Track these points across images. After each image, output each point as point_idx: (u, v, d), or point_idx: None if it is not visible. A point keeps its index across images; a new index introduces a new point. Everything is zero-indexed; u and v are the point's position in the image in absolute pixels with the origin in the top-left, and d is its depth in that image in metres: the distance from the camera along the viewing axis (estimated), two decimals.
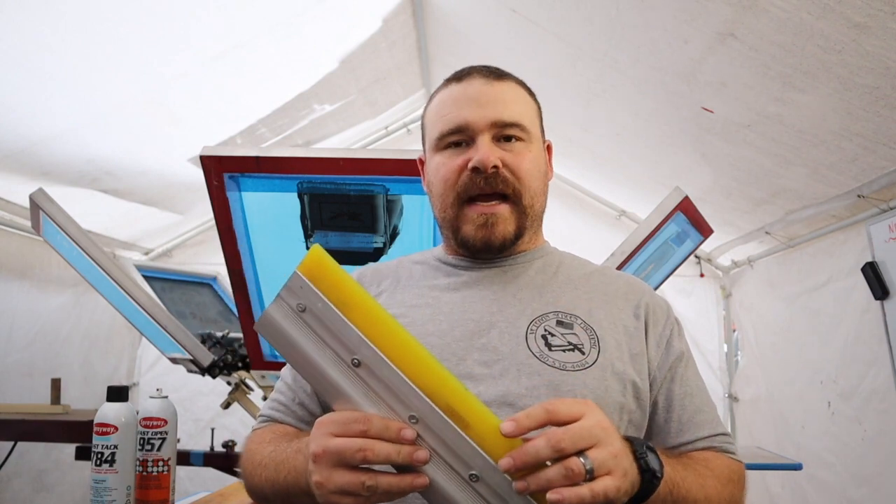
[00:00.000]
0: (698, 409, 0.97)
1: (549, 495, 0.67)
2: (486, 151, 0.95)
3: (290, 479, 0.83)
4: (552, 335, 0.94)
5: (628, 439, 0.76)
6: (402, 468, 0.70)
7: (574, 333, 0.94)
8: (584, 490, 0.67)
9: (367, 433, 0.69)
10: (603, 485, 0.68)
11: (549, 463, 0.68)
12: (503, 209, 0.98)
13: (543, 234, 1.11)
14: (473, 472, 0.68)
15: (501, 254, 1.02)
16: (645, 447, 0.77)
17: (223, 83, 2.72)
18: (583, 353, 0.92)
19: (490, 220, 0.97)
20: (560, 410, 0.70)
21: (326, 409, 0.88)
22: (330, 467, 0.70)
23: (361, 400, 0.70)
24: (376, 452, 0.68)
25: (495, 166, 0.95)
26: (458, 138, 0.98)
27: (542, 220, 1.07)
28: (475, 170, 0.95)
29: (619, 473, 0.70)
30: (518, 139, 0.99)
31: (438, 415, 0.67)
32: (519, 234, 1.00)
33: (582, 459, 0.68)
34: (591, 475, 0.68)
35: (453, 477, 0.69)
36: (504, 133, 0.98)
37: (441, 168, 1.00)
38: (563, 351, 0.92)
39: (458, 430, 0.66)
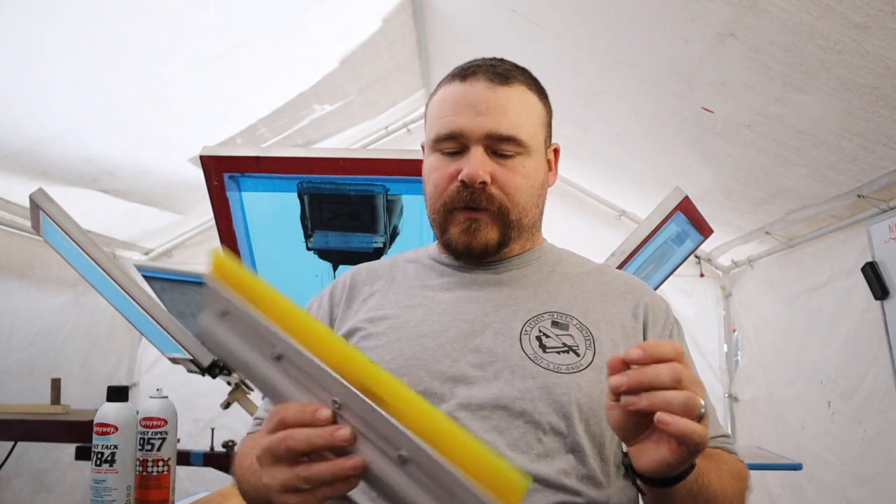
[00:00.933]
0: None
1: (661, 416, 0.65)
2: (475, 166, 0.93)
3: None
4: (547, 336, 0.93)
5: None
6: (339, 453, 0.67)
7: (569, 334, 0.93)
8: (695, 424, 0.66)
9: (286, 422, 0.66)
10: (704, 430, 0.67)
11: None
12: (487, 217, 0.97)
13: (542, 235, 1.09)
14: (401, 452, 0.63)
15: (484, 259, 1.01)
16: None
17: (223, 83, 2.72)
18: (578, 355, 0.91)
19: (473, 225, 0.96)
20: (683, 369, 0.69)
21: None
22: (270, 466, 0.68)
23: (291, 392, 0.68)
24: (296, 439, 0.65)
25: (483, 182, 0.94)
26: (452, 145, 0.97)
27: (537, 227, 1.06)
28: (463, 183, 0.94)
29: (709, 430, 0.70)
30: (514, 153, 0.96)
31: (356, 394, 0.64)
32: (503, 243, 0.99)
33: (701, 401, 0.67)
34: (700, 420, 0.67)
35: (385, 460, 0.65)
36: (498, 146, 0.96)
37: (433, 172, 0.99)
38: (558, 353, 0.91)
39: (375, 406, 0.63)
